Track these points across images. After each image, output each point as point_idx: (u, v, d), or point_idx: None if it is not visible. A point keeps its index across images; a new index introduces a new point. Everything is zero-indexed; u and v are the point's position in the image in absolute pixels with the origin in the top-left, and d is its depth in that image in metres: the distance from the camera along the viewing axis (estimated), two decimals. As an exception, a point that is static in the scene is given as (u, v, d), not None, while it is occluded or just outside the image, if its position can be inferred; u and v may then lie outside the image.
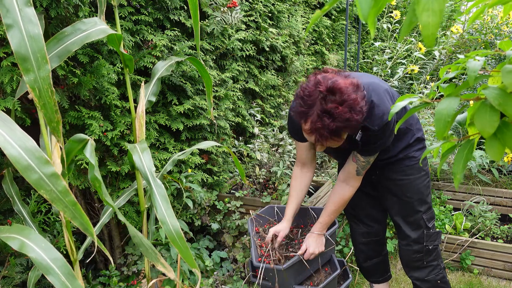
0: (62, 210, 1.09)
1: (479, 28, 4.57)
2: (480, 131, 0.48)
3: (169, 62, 1.88)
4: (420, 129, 1.88)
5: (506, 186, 3.07)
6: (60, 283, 1.08)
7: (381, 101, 1.55)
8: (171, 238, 1.38)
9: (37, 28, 1.09)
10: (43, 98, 1.10)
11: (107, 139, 2.03)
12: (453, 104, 0.50)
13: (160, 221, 1.38)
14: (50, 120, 1.14)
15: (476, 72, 0.49)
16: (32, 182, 1.03)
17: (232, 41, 2.74)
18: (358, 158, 1.73)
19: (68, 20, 1.88)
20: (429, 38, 0.41)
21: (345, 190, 1.81)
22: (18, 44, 1.06)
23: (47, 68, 1.09)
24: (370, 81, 1.61)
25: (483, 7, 0.52)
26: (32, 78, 1.08)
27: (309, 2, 4.00)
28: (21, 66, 1.06)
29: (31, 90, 1.08)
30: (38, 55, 1.08)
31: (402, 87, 4.71)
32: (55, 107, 1.13)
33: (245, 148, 2.93)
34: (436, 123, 0.50)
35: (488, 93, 0.47)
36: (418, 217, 1.89)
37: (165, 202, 1.43)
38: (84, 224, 1.13)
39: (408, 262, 2.00)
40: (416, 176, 1.85)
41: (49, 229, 1.97)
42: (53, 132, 1.16)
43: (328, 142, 1.45)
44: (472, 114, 0.52)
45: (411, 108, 0.59)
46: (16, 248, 1.10)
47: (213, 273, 2.43)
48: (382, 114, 1.53)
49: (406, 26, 0.45)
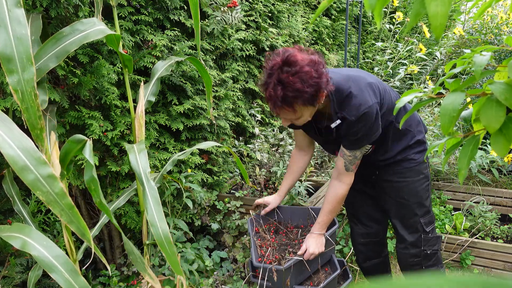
0: (58, 213, 1.06)
1: (479, 28, 4.57)
2: (486, 126, 0.48)
3: (168, 62, 1.88)
4: (421, 131, 1.86)
5: (506, 186, 3.07)
6: (63, 280, 1.08)
7: (360, 93, 1.58)
8: (159, 242, 1.36)
9: (24, 29, 1.07)
10: (26, 102, 1.07)
11: (107, 139, 2.03)
12: (458, 99, 0.49)
13: (150, 223, 1.37)
14: (33, 126, 1.10)
15: (483, 66, 0.48)
16: (28, 182, 1.02)
17: (232, 41, 2.74)
18: (344, 153, 1.73)
19: (68, 20, 1.87)
20: (437, 28, 0.41)
21: (337, 188, 1.80)
22: (4, 44, 1.05)
23: (32, 70, 1.07)
24: (353, 74, 1.66)
25: (490, 1, 0.52)
26: (16, 80, 1.05)
27: (309, 2, 4.00)
28: (5, 67, 1.04)
29: (14, 92, 1.05)
30: (23, 56, 1.07)
31: (402, 87, 4.71)
32: (39, 112, 1.09)
33: (245, 148, 2.93)
34: (442, 118, 0.50)
35: (495, 88, 0.47)
36: (415, 220, 1.87)
37: (156, 204, 1.42)
38: (81, 229, 1.11)
39: (405, 266, 1.99)
40: (415, 179, 1.84)
41: (49, 229, 1.96)
42: (36, 139, 1.12)
43: (282, 112, 1.51)
44: (478, 109, 0.51)
45: (416, 103, 0.59)
46: (18, 247, 1.09)
47: (213, 273, 2.43)
48: (359, 105, 1.56)
49: (413, 16, 0.44)
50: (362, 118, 1.57)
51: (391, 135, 1.79)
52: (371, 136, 1.65)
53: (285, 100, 1.45)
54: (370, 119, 1.59)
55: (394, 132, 1.79)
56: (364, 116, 1.57)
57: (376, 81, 1.69)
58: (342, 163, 1.75)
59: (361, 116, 1.57)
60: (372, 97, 1.59)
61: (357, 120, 1.58)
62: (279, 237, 2.10)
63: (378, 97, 1.63)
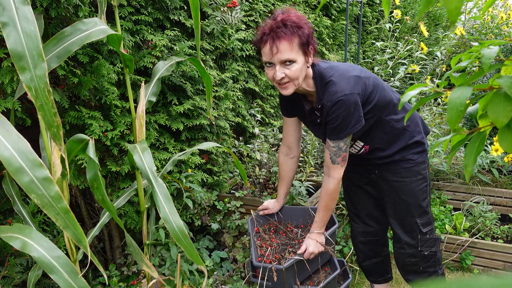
0: (53, 217, 1.03)
1: (479, 28, 4.58)
2: (493, 121, 0.48)
3: (169, 63, 1.87)
4: (421, 132, 1.86)
5: (506, 186, 3.07)
6: (63, 281, 1.07)
7: (340, 81, 1.63)
8: (175, 236, 1.37)
9: (33, 26, 1.07)
10: (40, 99, 1.05)
11: (107, 139, 2.02)
12: (465, 93, 0.49)
13: (163, 220, 1.38)
14: (50, 124, 1.08)
15: (492, 59, 0.48)
16: (23, 185, 0.99)
17: (232, 41, 2.74)
18: (328, 144, 1.74)
19: (68, 20, 1.87)
20: (452, 12, 0.41)
21: (327, 183, 1.80)
22: (14, 42, 1.04)
23: (44, 66, 1.06)
24: (342, 66, 1.72)
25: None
26: (29, 77, 1.04)
27: (309, 2, 3.99)
28: (17, 65, 1.03)
29: (28, 89, 1.03)
30: (34, 53, 1.06)
31: (403, 87, 4.71)
32: (54, 109, 1.07)
33: (245, 148, 2.92)
34: (449, 113, 0.50)
35: (503, 82, 0.46)
36: (412, 221, 1.87)
37: (167, 201, 1.43)
38: (77, 234, 1.08)
39: (403, 266, 2.00)
40: (412, 179, 1.84)
41: (49, 229, 1.96)
42: (54, 138, 1.08)
43: (282, 44, 1.56)
44: (485, 104, 0.51)
45: (420, 99, 0.59)
46: (18, 248, 1.09)
47: (213, 273, 2.43)
48: (335, 92, 1.61)
49: (426, 2, 0.44)
50: (338, 105, 1.62)
51: (386, 133, 1.80)
52: (350, 126, 1.66)
53: (285, 25, 1.56)
54: (346, 108, 1.62)
55: (390, 131, 1.79)
56: (339, 103, 1.61)
57: (366, 76, 1.71)
58: (328, 155, 1.76)
59: (336, 103, 1.61)
60: (352, 87, 1.63)
61: (332, 106, 1.63)
62: (279, 237, 2.10)
63: (361, 89, 1.66)
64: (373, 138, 1.81)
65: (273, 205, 2.17)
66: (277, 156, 2.12)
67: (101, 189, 1.31)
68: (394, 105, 1.78)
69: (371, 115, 1.73)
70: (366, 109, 1.70)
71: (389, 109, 1.77)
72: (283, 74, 1.60)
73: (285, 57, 1.57)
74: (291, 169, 2.10)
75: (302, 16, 1.63)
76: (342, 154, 1.73)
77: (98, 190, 1.31)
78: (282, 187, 2.14)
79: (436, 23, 6.79)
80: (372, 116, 1.74)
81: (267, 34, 1.58)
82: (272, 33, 1.57)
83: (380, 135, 1.80)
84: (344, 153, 1.74)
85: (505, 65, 0.55)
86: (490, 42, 0.52)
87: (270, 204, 2.17)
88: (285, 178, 2.12)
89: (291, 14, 1.60)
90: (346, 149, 1.73)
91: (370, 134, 1.80)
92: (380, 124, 1.78)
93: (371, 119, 1.74)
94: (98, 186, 1.30)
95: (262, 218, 2.20)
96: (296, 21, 1.57)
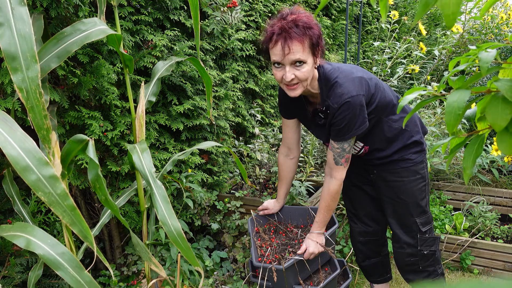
0: (60, 215, 1.05)
1: (479, 28, 4.58)
2: (491, 124, 0.48)
3: (169, 62, 1.87)
4: (419, 132, 1.87)
5: (506, 186, 3.08)
6: (69, 277, 1.08)
7: (345, 83, 1.62)
8: (173, 238, 1.37)
9: (28, 27, 1.07)
10: (30, 100, 1.05)
11: (107, 139, 2.02)
12: (464, 97, 0.49)
13: (161, 222, 1.38)
14: (39, 127, 1.08)
15: (489, 62, 0.48)
16: (30, 183, 1.01)
17: (232, 41, 2.74)
18: (332, 145, 1.74)
19: (68, 20, 1.87)
20: (449, 17, 0.41)
21: (330, 183, 1.81)
22: (8, 42, 1.04)
23: (36, 68, 1.06)
24: (344, 67, 1.71)
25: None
26: (20, 78, 1.04)
27: (309, 2, 3.99)
28: (9, 65, 1.03)
29: (19, 90, 1.04)
30: (27, 54, 1.06)
31: (402, 87, 4.71)
32: (44, 111, 1.07)
33: (245, 148, 2.92)
34: (447, 116, 0.50)
35: (501, 85, 0.46)
36: (411, 220, 1.88)
37: (165, 202, 1.43)
38: (83, 231, 1.10)
39: (402, 265, 2.00)
40: (411, 179, 1.84)
41: (49, 229, 1.96)
42: (43, 141, 1.09)
43: (294, 44, 1.53)
44: (483, 107, 0.51)
45: (419, 102, 0.59)
46: (23, 246, 1.09)
47: (213, 273, 2.43)
48: (341, 94, 1.60)
49: (423, 6, 0.44)
50: (344, 107, 1.60)
51: (385, 133, 1.80)
52: (356, 128, 1.66)
53: (297, 26, 1.53)
54: (353, 110, 1.61)
55: (389, 131, 1.79)
56: (346, 105, 1.60)
57: (368, 77, 1.71)
58: (332, 156, 1.76)
59: (343, 105, 1.60)
60: (357, 89, 1.62)
61: (339, 108, 1.61)
62: (279, 237, 2.10)
63: (365, 91, 1.65)
64: (373, 139, 1.81)
65: (273, 205, 2.17)
66: (277, 156, 2.12)
67: (103, 189, 1.31)
68: (394, 105, 1.78)
69: (373, 116, 1.73)
70: (369, 110, 1.70)
71: (388, 109, 1.77)
72: (293, 75, 1.58)
73: (297, 58, 1.55)
74: (291, 170, 2.10)
75: (311, 16, 1.60)
76: (345, 155, 1.74)
77: (100, 191, 1.31)
78: (282, 188, 2.14)
79: (436, 23, 6.79)
80: (373, 117, 1.74)
81: (278, 34, 1.55)
82: (284, 33, 1.53)
83: (379, 136, 1.80)
84: (348, 155, 1.74)
85: (503, 68, 0.55)
86: (488, 45, 0.52)
87: (270, 204, 2.17)
88: (285, 178, 2.12)
89: (301, 14, 1.57)
90: (349, 150, 1.73)
91: (370, 134, 1.80)
92: (380, 125, 1.78)
93: (372, 120, 1.74)
94: (100, 187, 1.30)
95: (262, 218, 2.20)
96: (307, 21, 1.55)
